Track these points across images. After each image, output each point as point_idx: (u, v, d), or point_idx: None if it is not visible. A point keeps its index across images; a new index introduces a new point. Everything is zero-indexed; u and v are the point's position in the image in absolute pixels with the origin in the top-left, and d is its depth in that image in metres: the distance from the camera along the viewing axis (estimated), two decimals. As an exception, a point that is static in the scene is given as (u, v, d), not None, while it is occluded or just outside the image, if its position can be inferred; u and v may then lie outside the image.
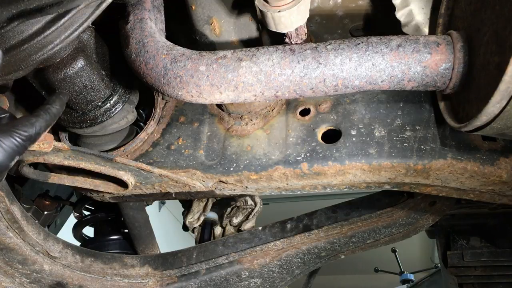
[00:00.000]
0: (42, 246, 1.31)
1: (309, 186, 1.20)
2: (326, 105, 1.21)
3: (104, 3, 0.88)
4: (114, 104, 1.19)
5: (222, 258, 1.48)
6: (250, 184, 1.21)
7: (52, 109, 0.87)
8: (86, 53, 1.11)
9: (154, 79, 0.96)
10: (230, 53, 0.94)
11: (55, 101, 0.89)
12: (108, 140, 1.29)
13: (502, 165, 1.05)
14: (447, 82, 0.90)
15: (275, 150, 1.19)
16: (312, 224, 1.47)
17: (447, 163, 1.07)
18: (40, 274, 1.33)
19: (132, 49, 0.98)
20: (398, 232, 1.44)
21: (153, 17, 1.03)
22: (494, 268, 2.02)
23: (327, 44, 0.91)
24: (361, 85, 0.91)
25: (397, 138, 1.11)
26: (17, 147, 0.76)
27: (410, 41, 0.89)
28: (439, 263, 2.22)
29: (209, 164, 1.22)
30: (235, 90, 0.93)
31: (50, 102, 0.88)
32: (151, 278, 1.49)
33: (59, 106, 0.89)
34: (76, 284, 1.40)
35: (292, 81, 0.91)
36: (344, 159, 1.12)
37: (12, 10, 0.81)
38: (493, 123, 0.82)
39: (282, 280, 1.49)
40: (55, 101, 0.89)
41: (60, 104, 0.90)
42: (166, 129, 1.30)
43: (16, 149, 0.76)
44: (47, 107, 0.86)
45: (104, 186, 1.25)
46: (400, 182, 1.14)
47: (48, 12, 0.82)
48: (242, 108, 1.22)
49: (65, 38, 0.88)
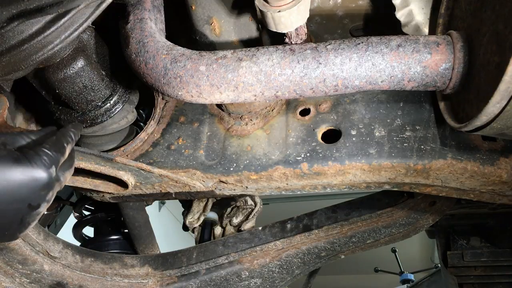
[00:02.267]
0: (42, 246, 1.31)
1: (309, 186, 1.20)
2: (326, 105, 1.21)
3: (104, 3, 0.88)
4: (114, 104, 1.19)
5: (222, 258, 1.48)
6: (250, 184, 1.21)
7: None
8: (86, 53, 1.11)
9: (154, 79, 0.96)
10: (230, 53, 0.94)
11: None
12: (108, 140, 1.29)
13: (502, 165, 1.05)
14: (447, 82, 0.90)
15: (275, 150, 1.19)
16: (312, 224, 1.47)
17: (447, 163, 1.07)
18: (40, 274, 1.33)
19: (132, 49, 0.98)
20: (398, 232, 1.44)
21: (153, 17, 1.03)
22: (494, 268, 2.03)
23: (327, 44, 0.91)
24: (361, 85, 0.91)
25: (397, 138, 1.11)
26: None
27: (410, 41, 0.89)
28: (439, 263, 2.22)
29: (209, 164, 1.22)
30: (235, 90, 0.93)
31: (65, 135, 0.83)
32: (151, 278, 1.49)
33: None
34: (76, 284, 1.40)
35: (292, 81, 0.91)
36: (344, 159, 1.12)
37: (12, 10, 0.81)
38: (493, 123, 0.82)
39: (282, 280, 1.49)
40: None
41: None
42: (166, 129, 1.30)
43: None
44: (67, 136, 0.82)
45: (104, 186, 1.25)
46: (400, 182, 1.14)
47: (48, 12, 0.82)
48: (242, 108, 1.22)
49: (65, 38, 0.88)
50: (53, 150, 0.74)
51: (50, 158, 0.72)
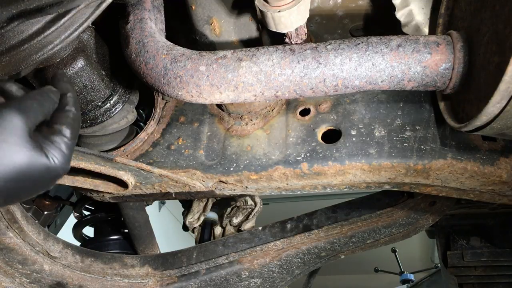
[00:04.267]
0: (42, 246, 1.31)
1: (309, 186, 1.20)
2: (326, 105, 1.21)
3: (104, 3, 0.88)
4: (114, 104, 1.19)
5: (222, 258, 1.48)
6: (250, 184, 1.21)
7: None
8: (86, 53, 1.11)
9: (154, 79, 0.96)
10: (230, 53, 0.94)
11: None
12: (108, 140, 1.29)
13: (502, 165, 1.05)
14: (447, 82, 0.90)
15: (275, 150, 1.19)
16: (312, 224, 1.47)
17: (447, 163, 1.07)
18: (40, 274, 1.33)
19: (132, 49, 0.98)
20: (398, 232, 1.44)
21: (153, 17, 1.03)
22: (494, 268, 2.02)
23: (327, 44, 0.91)
24: (361, 85, 0.91)
25: (397, 138, 1.11)
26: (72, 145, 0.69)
27: (410, 41, 0.89)
28: (439, 263, 2.22)
29: (209, 164, 1.22)
30: (235, 90, 0.93)
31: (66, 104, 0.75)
32: (151, 278, 1.49)
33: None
34: (76, 284, 1.40)
35: (292, 81, 0.91)
36: (344, 159, 1.12)
37: (12, 10, 0.81)
38: (493, 123, 0.82)
39: (282, 280, 1.49)
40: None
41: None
42: (166, 129, 1.30)
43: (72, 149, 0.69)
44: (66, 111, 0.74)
45: (104, 186, 1.25)
46: (400, 182, 1.14)
47: (48, 12, 0.82)
48: (242, 108, 1.22)
49: (65, 38, 0.88)
50: (72, 138, 0.69)
51: (69, 149, 0.68)
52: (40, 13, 0.82)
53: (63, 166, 0.67)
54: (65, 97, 0.74)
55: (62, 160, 0.66)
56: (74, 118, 0.72)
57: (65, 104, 0.73)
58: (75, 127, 0.70)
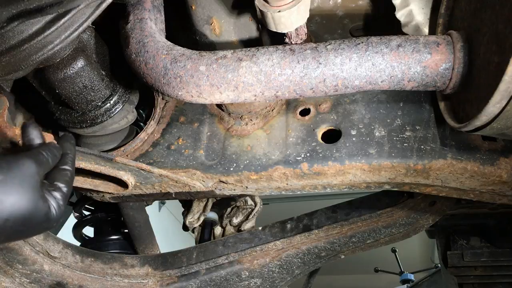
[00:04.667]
0: (42, 246, 1.31)
1: (309, 186, 1.20)
2: (326, 105, 1.21)
3: (104, 3, 0.88)
4: (114, 104, 1.19)
5: (222, 258, 1.48)
6: (250, 184, 1.21)
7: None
8: (86, 53, 1.11)
9: (154, 79, 0.96)
10: (230, 53, 0.94)
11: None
12: (108, 140, 1.29)
13: (502, 165, 1.05)
14: (447, 82, 0.90)
15: (275, 150, 1.19)
16: (312, 224, 1.47)
17: (447, 163, 1.07)
18: (40, 274, 1.33)
19: (132, 49, 0.98)
20: (398, 232, 1.44)
21: (153, 17, 1.03)
22: (494, 268, 2.03)
23: (327, 44, 0.91)
24: (361, 85, 0.91)
25: (397, 138, 1.11)
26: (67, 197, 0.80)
27: (410, 41, 0.89)
28: (439, 263, 2.22)
29: (209, 164, 1.22)
30: (235, 90, 0.93)
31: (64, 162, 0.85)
32: (151, 278, 1.49)
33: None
34: (76, 284, 1.40)
35: (292, 81, 0.91)
36: (344, 159, 1.12)
37: (12, 10, 0.81)
38: (493, 123, 0.82)
39: (282, 280, 1.49)
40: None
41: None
42: (166, 129, 1.30)
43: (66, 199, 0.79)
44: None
45: (104, 186, 1.25)
46: (400, 182, 1.14)
47: (48, 12, 0.82)
48: (242, 108, 1.22)
49: (65, 38, 0.88)
50: (67, 194, 0.80)
51: (64, 203, 0.78)
52: (40, 13, 0.82)
53: (58, 217, 0.78)
54: (66, 156, 0.84)
55: (59, 212, 0.77)
56: (71, 177, 0.83)
57: (65, 163, 0.83)
58: (70, 184, 0.82)
